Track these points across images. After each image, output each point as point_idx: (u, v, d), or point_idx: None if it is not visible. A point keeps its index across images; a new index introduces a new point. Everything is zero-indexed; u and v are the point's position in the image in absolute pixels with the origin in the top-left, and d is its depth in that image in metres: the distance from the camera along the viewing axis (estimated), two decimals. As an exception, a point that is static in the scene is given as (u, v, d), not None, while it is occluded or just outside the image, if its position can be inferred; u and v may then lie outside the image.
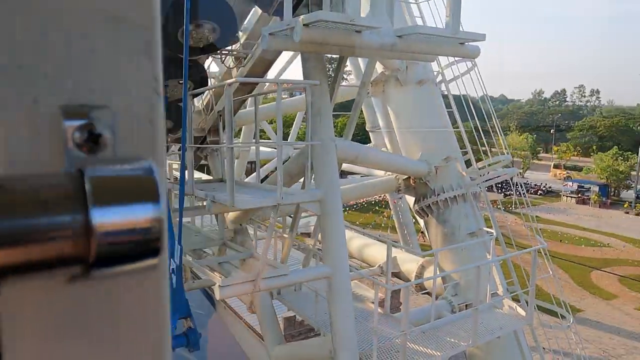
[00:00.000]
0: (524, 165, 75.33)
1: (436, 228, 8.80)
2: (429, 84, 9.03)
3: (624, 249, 42.96)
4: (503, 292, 8.19)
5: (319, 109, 5.94)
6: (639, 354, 25.52)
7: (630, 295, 33.04)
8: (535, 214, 57.53)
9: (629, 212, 56.69)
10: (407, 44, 5.19)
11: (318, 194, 5.63)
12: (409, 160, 8.58)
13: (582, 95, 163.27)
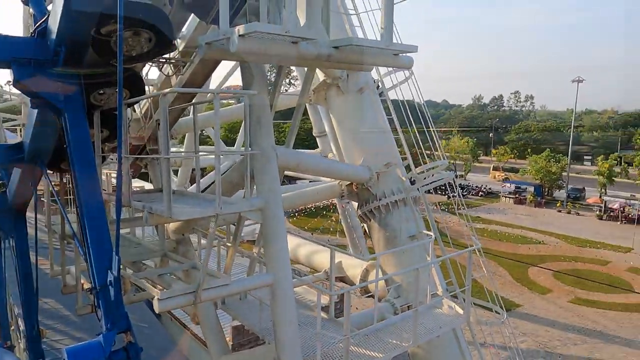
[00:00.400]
0: (466, 167, 78.47)
1: (378, 232, 9.03)
2: (369, 91, 9.26)
3: (557, 246, 45.66)
4: (442, 292, 8.52)
5: (258, 118, 5.96)
6: (572, 344, 27.11)
7: (564, 289, 35.11)
8: (476, 214, 60.10)
9: (561, 210, 60.33)
10: (343, 55, 5.34)
11: (259, 202, 5.65)
12: (350, 166, 8.77)
13: (517, 101, 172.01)
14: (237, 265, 11.71)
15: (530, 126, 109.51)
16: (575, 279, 36.56)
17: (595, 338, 27.80)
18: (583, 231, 50.66)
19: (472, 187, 73.11)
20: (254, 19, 5.50)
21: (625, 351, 26.34)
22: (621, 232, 49.59)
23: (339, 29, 8.91)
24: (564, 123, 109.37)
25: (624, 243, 45.89)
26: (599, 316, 30.80)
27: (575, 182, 71.58)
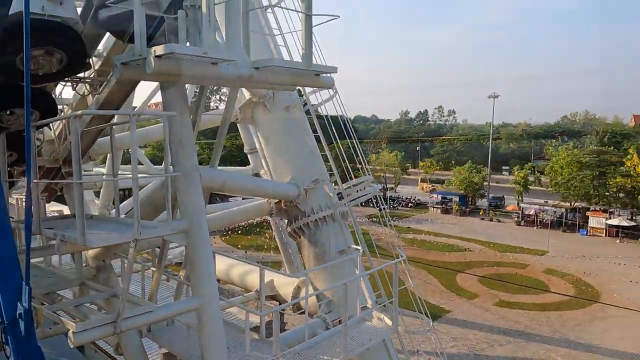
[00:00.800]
0: (396, 180, 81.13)
1: (308, 249, 9.10)
2: (295, 109, 9.39)
3: (481, 252, 48.21)
4: (372, 304, 8.71)
5: (180, 139, 5.85)
6: (498, 345, 28.56)
7: (489, 293, 37.01)
8: (407, 225, 62.13)
9: (484, 218, 63.89)
10: (264, 76, 5.40)
11: (182, 225, 5.52)
12: (278, 184, 8.80)
13: (441, 115, 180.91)
14: (170, 288, 11.27)
15: (453, 139, 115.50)
16: (498, 282, 38.71)
17: (518, 338, 29.45)
18: (504, 237, 53.88)
19: (402, 199, 75.62)
20: (174, 38, 5.43)
21: (545, 348, 28.13)
22: (537, 236, 53.26)
23: (264, 49, 9.01)
24: (483, 135, 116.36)
25: (539, 246, 49.32)
26: (521, 316, 32.71)
27: (496, 191, 76.14)
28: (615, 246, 49.95)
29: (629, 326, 30.82)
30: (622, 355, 27.11)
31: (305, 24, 5.45)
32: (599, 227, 53.86)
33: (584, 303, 34.60)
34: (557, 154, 61.19)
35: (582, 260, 44.73)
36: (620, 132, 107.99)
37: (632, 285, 37.97)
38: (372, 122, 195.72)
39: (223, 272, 10.82)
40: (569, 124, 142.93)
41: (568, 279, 40.02)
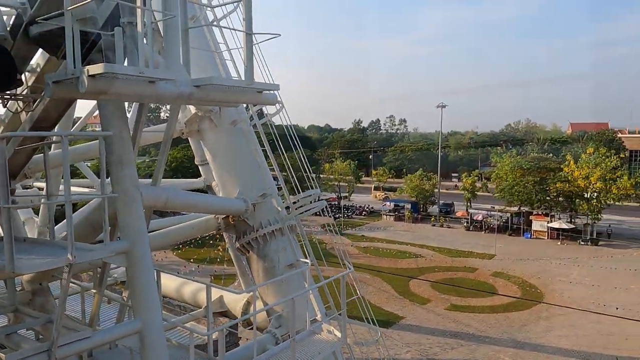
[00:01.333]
0: (349, 189, 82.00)
1: (257, 263, 9.06)
2: (242, 123, 9.37)
3: (433, 258, 49.45)
4: (322, 317, 8.76)
5: (119, 157, 5.71)
6: (450, 349, 29.28)
7: (441, 298, 37.93)
8: (361, 233, 62.81)
9: (435, 224, 65.64)
10: (205, 93, 5.37)
11: (122, 246, 5.37)
12: (224, 199, 8.73)
13: (393, 124, 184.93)
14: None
15: (405, 148, 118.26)
16: (449, 287, 39.81)
17: (469, 340, 30.31)
18: (454, 242, 55.54)
19: (356, 207, 76.49)
20: (111, 54, 5.32)
21: (494, 349, 29.09)
22: (485, 240, 55.26)
23: (210, 65, 8.94)
24: (433, 144, 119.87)
25: (487, 250, 51.17)
26: (471, 319, 33.70)
27: (446, 197, 78.45)
28: (557, 248, 52.58)
29: (570, 324, 32.47)
30: (564, 353, 28.46)
31: (246, 42, 5.49)
32: (541, 230, 56.57)
33: (530, 304, 36.12)
34: (501, 161, 63.85)
35: (526, 262, 46.73)
36: (559, 139, 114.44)
37: (572, 285, 40.02)
38: (326, 132, 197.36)
39: (174, 290, 10.58)
40: (512, 132, 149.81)
41: (514, 281, 41.65)
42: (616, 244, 53.78)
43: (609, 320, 32.47)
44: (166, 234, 9.17)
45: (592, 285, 39.87)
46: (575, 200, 54.95)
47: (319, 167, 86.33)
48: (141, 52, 4.88)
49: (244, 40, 5.48)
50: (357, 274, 44.54)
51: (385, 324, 32.65)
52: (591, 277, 41.67)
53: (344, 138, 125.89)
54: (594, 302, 35.96)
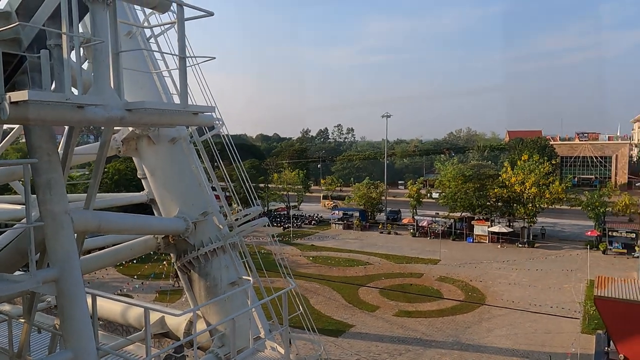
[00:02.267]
0: (299, 198, 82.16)
1: (199, 282, 8.95)
2: (181, 141, 9.26)
3: (381, 265, 50.35)
4: (265, 334, 8.77)
5: (48, 182, 5.54)
6: (398, 354, 29.82)
7: (389, 304, 38.61)
8: (310, 242, 62.92)
9: (383, 231, 66.92)
10: (137, 117, 5.31)
11: (51, 274, 5.19)
12: (164, 219, 8.59)
13: (341, 133, 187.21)
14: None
15: (352, 156, 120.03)
16: (397, 293, 40.67)
17: (416, 345, 31.01)
18: (401, 249, 56.84)
19: (305, 217, 76.66)
20: (37, 76, 5.18)
21: (440, 352, 29.93)
22: (430, 246, 56.93)
23: (148, 83, 8.80)
24: (380, 152, 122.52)
25: (433, 256, 52.72)
26: (418, 324, 34.53)
27: (393, 204, 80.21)
28: (497, 251, 55.00)
29: (509, 324, 33.98)
30: (505, 352, 29.72)
31: (180, 66, 5.49)
32: (482, 234, 59.02)
33: (473, 306, 37.49)
34: (444, 168, 66.19)
35: (469, 266, 48.53)
36: (497, 146, 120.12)
37: (511, 287, 41.95)
38: (275, 141, 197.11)
39: (120, 315, 10.22)
40: (454, 140, 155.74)
41: (458, 284, 43.09)
42: (550, 245, 57.00)
43: (545, 318, 34.31)
44: (101, 257, 8.86)
45: (529, 285, 41.95)
46: (512, 204, 57.77)
47: (267, 177, 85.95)
48: (67, 75, 4.78)
49: (178, 63, 5.48)
50: (307, 284, 44.61)
51: (335, 332, 32.86)
52: (528, 278, 43.85)
53: (292, 147, 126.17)
54: (531, 302, 37.85)
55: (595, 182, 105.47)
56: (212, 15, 5.61)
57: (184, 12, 5.48)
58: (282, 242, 61.35)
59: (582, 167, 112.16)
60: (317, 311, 37.03)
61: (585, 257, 44.92)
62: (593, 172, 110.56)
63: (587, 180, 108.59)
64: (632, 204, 54.01)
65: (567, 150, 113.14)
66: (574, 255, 51.63)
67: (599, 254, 51.94)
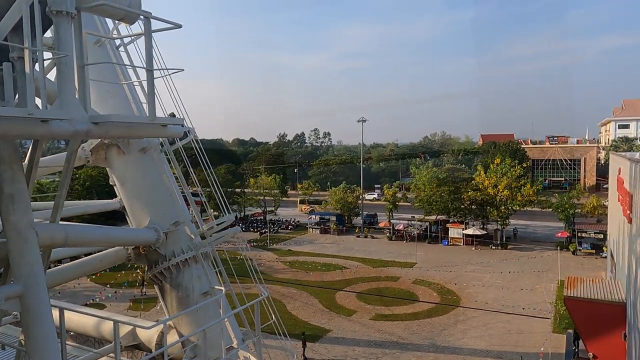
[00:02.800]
0: (275, 203, 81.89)
1: (171, 293, 8.87)
2: (152, 150, 9.16)
3: (358, 269, 50.59)
4: (238, 343, 8.74)
5: (11, 196, 5.44)
6: (375, 358, 30.00)
7: (366, 308, 38.81)
8: (287, 247, 62.82)
9: (359, 235, 67.27)
10: (104, 130, 5.27)
11: (14, 290, 5.09)
12: (134, 230, 8.49)
13: (317, 137, 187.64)
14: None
15: (329, 160, 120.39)
16: (374, 297, 40.94)
17: (393, 348, 31.26)
18: (378, 252, 57.22)
19: (282, 222, 76.45)
20: (1, 89, 5.09)
21: (416, 355, 30.24)
22: (406, 249, 57.47)
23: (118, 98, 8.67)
24: (356, 156, 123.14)
25: (409, 259, 53.25)
26: (395, 327, 34.81)
27: (369, 208, 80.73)
28: (471, 253, 55.90)
29: (484, 325, 34.58)
30: (479, 353, 30.23)
31: (148, 78, 5.47)
32: (457, 237, 59.93)
33: (448, 308, 38.00)
34: (419, 172, 66.99)
35: (444, 269, 49.20)
36: (471, 150, 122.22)
37: (485, 288, 42.70)
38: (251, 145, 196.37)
39: (90, 327, 10.03)
40: (429, 143, 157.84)
41: (434, 287, 43.62)
42: (523, 246, 58.23)
43: (517, 319, 35.02)
44: (69, 270, 8.68)
45: (502, 287, 42.78)
46: (486, 207, 58.83)
47: (244, 182, 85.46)
48: (30, 90, 4.72)
49: (146, 76, 5.47)
50: (284, 289, 44.48)
51: (313, 338, 32.84)
52: (502, 280, 44.71)
53: (269, 152, 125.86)
54: (504, 303, 38.60)
55: (565, 184, 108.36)
56: (179, 27, 5.61)
57: (151, 24, 5.47)
58: (259, 248, 61.02)
59: (552, 170, 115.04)
60: (294, 317, 36.96)
61: (556, 258, 46.03)
62: (563, 175, 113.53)
63: (557, 182, 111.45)
64: (599, 206, 55.63)
65: (538, 153, 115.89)
66: (545, 256, 52.90)
67: (569, 255, 53.30)
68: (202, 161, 9.16)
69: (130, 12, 5.16)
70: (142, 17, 5.41)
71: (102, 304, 38.91)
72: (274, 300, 44.55)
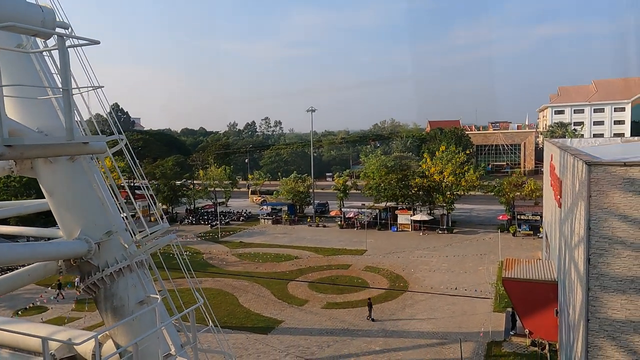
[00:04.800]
0: (226, 195, 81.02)
1: (105, 303, 8.76)
2: (81, 159, 8.92)
3: (310, 258, 51.18)
4: (176, 350, 8.78)
5: None
6: (326, 346, 30.61)
7: (318, 297, 39.42)
8: (239, 239, 62.45)
9: (311, 224, 67.89)
10: (18, 152, 5.16)
11: None
12: (62, 243, 8.29)
13: (268, 126, 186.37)
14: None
15: (280, 149, 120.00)
16: (326, 285, 41.64)
17: (344, 336, 32.00)
18: (329, 241, 58.05)
19: (233, 213, 75.86)
20: None
21: (366, 341, 31.12)
22: (357, 237, 58.63)
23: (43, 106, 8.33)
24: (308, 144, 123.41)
25: (359, 246, 54.40)
26: (346, 315, 35.61)
27: (321, 197, 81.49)
28: (419, 239, 57.79)
29: (430, 308, 36.03)
30: (425, 335, 31.52)
31: (64, 98, 5.37)
32: (406, 223, 61.69)
33: (397, 294, 39.26)
34: (368, 161, 68.17)
35: (393, 255, 50.64)
36: (419, 136, 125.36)
37: (432, 272, 44.39)
38: (201, 135, 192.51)
39: (24, 343, 9.70)
40: (379, 130, 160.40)
41: (383, 273, 44.85)
42: (467, 230, 60.80)
43: (461, 300, 36.74)
44: (-6, 285, 8.39)
45: (448, 270, 44.62)
46: (432, 193, 60.81)
47: (193, 174, 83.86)
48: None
49: (63, 96, 5.37)
50: (236, 282, 44.43)
51: (265, 330, 33.10)
52: (447, 263, 46.59)
53: (219, 142, 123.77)
54: (449, 286, 40.31)
55: (507, 168, 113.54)
56: (97, 43, 5.52)
57: (65, 42, 5.35)
58: (210, 241, 60.38)
59: (495, 155, 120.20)
60: (246, 309, 37.04)
61: (497, 240, 48.33)
62: (505, 159, 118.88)
63: (500, 166, 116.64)
64: (536, 189, 58.79)
65: (482, 139, 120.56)
66: (487, 239, 55.50)
67: (509, 237, 56.21)
68: (134, 171, 9.03)
69: (42, 31, 5.02)
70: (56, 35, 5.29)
71: (44, 307, 37.44)
72: (225, 294, 44.53)
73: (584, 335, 16.78)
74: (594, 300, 16.34)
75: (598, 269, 16.21)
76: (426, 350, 29.48)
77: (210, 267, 48.88)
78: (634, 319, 15.87)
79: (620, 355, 16.17)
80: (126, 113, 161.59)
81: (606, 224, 15.98)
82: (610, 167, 15.93)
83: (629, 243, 15.71)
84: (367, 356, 29.11)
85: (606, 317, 16.21)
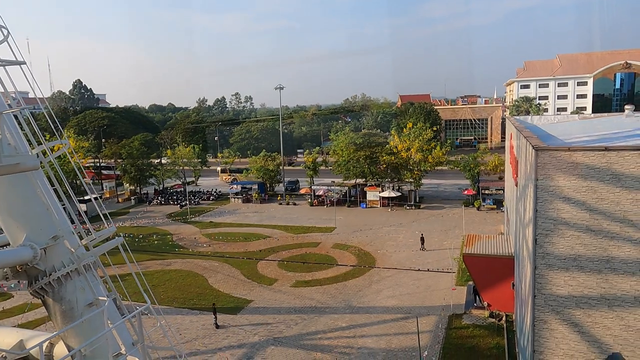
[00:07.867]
0: (195, 174, 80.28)
1: (54, 306, 8.88)
2: (23, 165, 8.89)
3: (280, 237, 51.62)
4: (127, 349, 9.02)
5: None
6: (294, 325, 31.30)
7: (287, 276, 39.99)
8: (208, 219, 62.16)
9: (282, 203, 68.19)
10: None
11: None
12: (6, 252, 8.31)
13: (239, 101, 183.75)
14: None
15: (250, 126, 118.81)
16: (295, 264, 42.27)
17: (311, 313, 32.75)
18: (299, 219, 58.54)
19: (203, 193, 75.39)
20: None
21: (333, 318, 31.94)
22: (327, 214, 59.29)
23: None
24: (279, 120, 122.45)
25: (329, 224, 55.08)
26: (314, 292, 36.34)
27: (292, 174, 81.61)
28: (387, 215, 58.85)
29: (396, 284, 37.09)
30: (391, 310, 32.55)
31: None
32: (374, 199, 62.65)
33: (364, 270, 40.21)
34: (337, 138, 68.41)
35: (362, 232, 51.51)
36: (390, 112, 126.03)
37: (399, 248, 45.48)
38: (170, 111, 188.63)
39: None
40: (350, 105, 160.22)
41: (352, 250, 45.66)
42: (434, 205, 62.18)
43: (426, 275, 37.99)
44: None
45: (414, 246, 45.77)
46: (400, 170, 61.73)
47: (160, 153, 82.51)
48: None
49: None
50: (206, 263, 44.65)
51: (234, 310, 33.58)
52: (414, 239, 47.73)
53: (188, 119, 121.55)
54: (415, 261, 41.49)
55: (474, 142, 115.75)
56: (24, 64, 5.51)
57: (-15, 66, 5.32)
58: (180, 222, 60.09)
59: (463, 129, 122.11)
60: (215, 290, 37.38)
61: (462, 215, 49.74)
62: (472, 134, 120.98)
63: (468, 141, 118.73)
64: (500, 164, 60.34)
65: (450, 114, 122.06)
66: (452, 214, 56.99)
67: (474, 211, 57.83)
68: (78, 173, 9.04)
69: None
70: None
71: (6, 294, 37.05)
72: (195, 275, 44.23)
73: (532, 310, 17.81)
74: (540, 278, 17.30)
75: (544, 248, 17.11)
76: (390, 325, 30.52)
77: (179, 249, 48.86)
78: (576, 294, 16.92)
79: (564, 328, 17.28)
80: (90, 90, 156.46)
81: (552, 206, 16.80)
82: (556, 152, 16.65)
83: (572, 224, 16.60)
84: (333, 332, 29.99)
85: (551, 292, 17.21)
